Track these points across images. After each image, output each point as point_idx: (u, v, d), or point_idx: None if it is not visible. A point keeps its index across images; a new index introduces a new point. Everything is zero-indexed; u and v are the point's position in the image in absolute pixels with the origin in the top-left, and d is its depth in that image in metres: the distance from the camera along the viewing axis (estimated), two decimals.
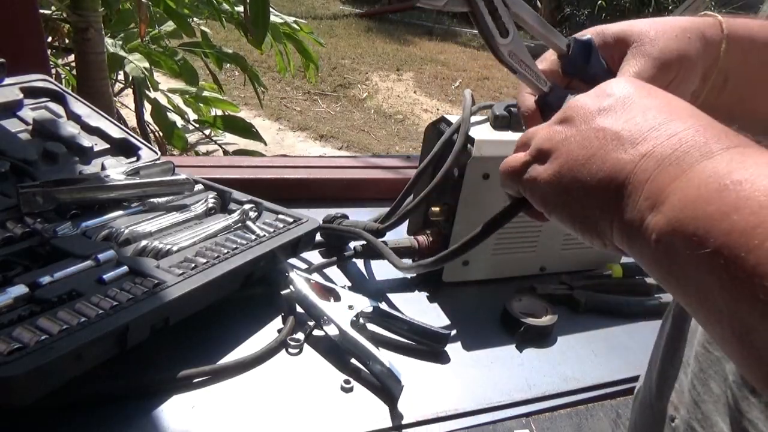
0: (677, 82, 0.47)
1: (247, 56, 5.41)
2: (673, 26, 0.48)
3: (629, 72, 0.46)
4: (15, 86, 0.85)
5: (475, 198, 0.77)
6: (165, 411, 0.57)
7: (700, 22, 0.49)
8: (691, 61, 0.47)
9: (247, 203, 0.81)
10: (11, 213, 0.69)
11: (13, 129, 0.81)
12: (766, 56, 0.50)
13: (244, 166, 1.01)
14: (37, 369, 0.49)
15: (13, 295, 0.57)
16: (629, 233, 0.34)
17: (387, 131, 4.71)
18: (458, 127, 0.77)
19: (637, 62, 0.47)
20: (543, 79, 0.48)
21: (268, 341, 0.66)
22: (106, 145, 0.86)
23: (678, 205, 0.30)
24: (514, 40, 0.45)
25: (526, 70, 0.47)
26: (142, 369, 0.60)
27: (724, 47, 0.48)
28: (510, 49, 0.46)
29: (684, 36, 0.47)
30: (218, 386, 0.61)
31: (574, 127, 0.39)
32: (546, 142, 0.40)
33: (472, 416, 0.62)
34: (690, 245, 0.29)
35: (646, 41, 0.47)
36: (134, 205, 0.77)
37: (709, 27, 0.49)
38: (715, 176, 0.30)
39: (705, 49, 0.48)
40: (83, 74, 2.09)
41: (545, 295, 0.82)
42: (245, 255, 0.69)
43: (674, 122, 0.35)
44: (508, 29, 0.45)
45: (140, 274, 0.63)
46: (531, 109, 0.50)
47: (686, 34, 0.48)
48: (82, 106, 0.89)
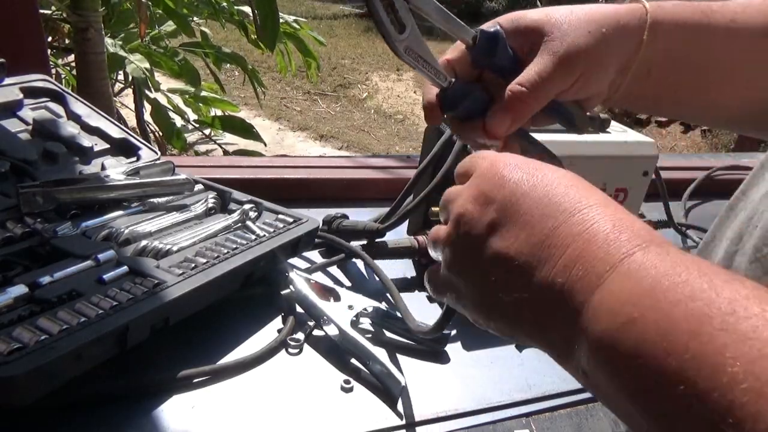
0: (583, 80, 0.46)
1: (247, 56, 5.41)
2: (589, 19, 0.45)
3: (530, 72, 0.45)
4: (15, 86, 0.85)
5: None
6: (165, 411, 0.57)
7: (622, 12, 0.47)
8: (601, 57, 0.45)
9: (247, 203, 0.81)
10: (11, 213, 0.69)
11: (13, 129, 0.81)
12: (700, 43, 0.48)
13: (244, 166, 1.01)
14: (37, 369, 0.49)
15: (13, 295, 0.57)
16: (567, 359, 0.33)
17: (387, 131, 4.71)
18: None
19: (541, 60, 0.45)
20: (442, 74, 0.46)
21: (268, 341, 0.66)
22: (106, 145, 0.86)
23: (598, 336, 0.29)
24: (411, 35, 0.44)
25: (424, 66, 0.45)
26: (142, 369, 0.60)
27: (646, 37, 0.46)
28: (407, 44, 0.44)
29: (598, 30, 0.45)
30: (218, 386, 0.61)
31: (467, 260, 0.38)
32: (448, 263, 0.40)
33: (472, 416, 0.62)
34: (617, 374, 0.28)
35: (556, 36, 0.45)
36: (134, 205, 0.77)
37: (631, 16, 0.46)
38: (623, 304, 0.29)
39: (622, 41, 0.46)
40: (83, 74, 2.09)
41: None
42: (245, 255, 0.69)
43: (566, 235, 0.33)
44: (405, 24, 0.43)
45: (140, 274, 0.63)
46: (431, 103, 0.48)
47: (601, 27, 0.45)
48: (82, 106, 0.89)
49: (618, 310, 0.28)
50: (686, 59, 0.48)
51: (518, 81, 0.45)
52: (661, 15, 0.47)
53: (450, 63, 0.48)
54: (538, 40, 0.46)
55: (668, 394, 0.25)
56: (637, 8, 0.47)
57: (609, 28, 0.45)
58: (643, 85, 0.48)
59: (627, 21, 0.46)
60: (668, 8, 0.47)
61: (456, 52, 0.49)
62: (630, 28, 0.46)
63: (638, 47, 0.46)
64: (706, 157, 1.49)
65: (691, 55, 0.48)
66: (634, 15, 0.47)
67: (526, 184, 0.36)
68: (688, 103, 0.52)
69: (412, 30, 0.44)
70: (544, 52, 0.45)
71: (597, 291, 0.30)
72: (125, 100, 3.15)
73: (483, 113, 0.47)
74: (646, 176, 0.85)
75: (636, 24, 0.46)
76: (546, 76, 0.44)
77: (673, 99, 0.51)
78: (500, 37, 0.47)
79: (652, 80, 0.48)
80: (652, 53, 0.47)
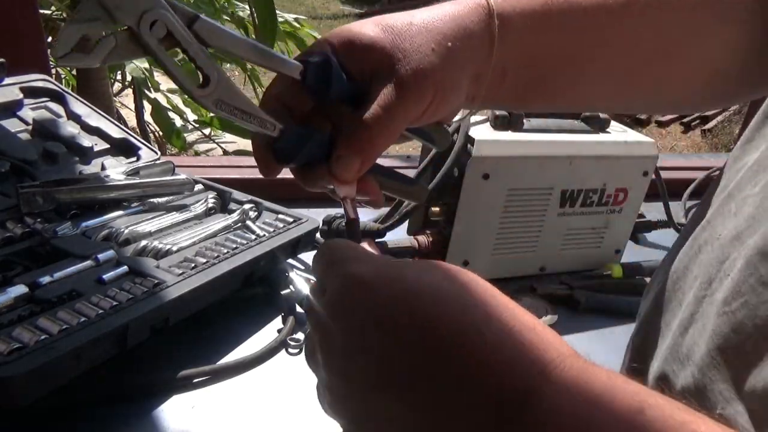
0: (436, 103, 0.40)
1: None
2: (432, 33, 0.39)
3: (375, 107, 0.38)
4: (15, 86, 0.85)
5: (475, 198, 0.77)
6: (165, 411, 0.57)
7: (467, 17, 0.41)
8: (451, 75, 0.40)
9: (247, 203, 0.82)
10: (11, 213, 0.69)
11: (13, 129, 0.81)
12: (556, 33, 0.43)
13: (244, 166, 1.01)
14: (37, 369, 0.49)
15: (13, 295, 0.57)
16: None
17: None
18: (458, 127, 0.77)
19: (385, 91, 0.38)
20: (269, 121, 0.38)
21: (268, 341, 0.66)
22: (106, 145, 0.86)
23: None
24: (219, 87, 0.36)
25: (244, 118, 0.37)
26: (142, 369, 0.60)
27: (497, 41, 0.41)
28: (216, 97, 0.36)
29: (443, 45, 0.39)
30: (218, 386, 0.61)
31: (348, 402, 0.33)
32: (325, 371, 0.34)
33: None
34: None
35: (397, 58, 0.38)
36: (134, 205, 0.77)
37: (477, 19, 0.41)
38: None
39: (472, 53, 0.40)
40: (83, 74, 2.09)
41: (545, 295, 0.82)
42: (245, 255, 0.69)
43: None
44: (209, 74, 0.36)
45: (140, 274, 0.63)
46: (263, 157, 0.40)
47: (447, 41, 0.39)
48: (82, 106, 0.89)
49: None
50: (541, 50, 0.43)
51: (361, 117, 0.38)
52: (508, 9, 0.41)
53: (277, 99, 0.40)
54: (377, 63, 0.39)
55: None
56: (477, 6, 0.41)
57: (455, 41, 0.40)
58: (499, 88, 0.43)
59: (473, 28, 0.40)
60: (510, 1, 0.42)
61: (282, 84, 0.40)
62: (478, 33, 0.41)
63: (489, 54, 0.41)
64: (706, 157, 1.50)
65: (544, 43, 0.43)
66: (477, 15, 0.41)
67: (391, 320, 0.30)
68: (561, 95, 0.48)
69: (219, 79, 0.36)
70: (386, 79, 0.38)
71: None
72: (125, 100, 3.15)
73: (328, 157, 0.39)
74: (646, 176, 0.85)
75: (484, 28, 0.41)
76: (393, 109, 0.38)
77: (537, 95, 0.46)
78: (332, 66, 0.39)
79: (508, 84, 0.43)
80: (506, 54, 0.42)
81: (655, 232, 1.03)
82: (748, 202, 0.34)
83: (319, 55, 0.39)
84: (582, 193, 0.83)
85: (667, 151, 4.66)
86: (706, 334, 0.33)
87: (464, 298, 0.30)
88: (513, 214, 0.80)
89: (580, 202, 0.83)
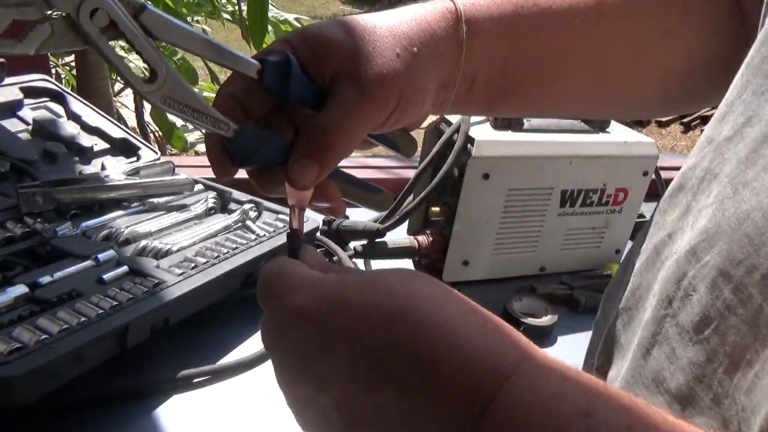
0: (400, 110, 0.38)
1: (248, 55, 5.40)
2: (398, 37, 0.37)
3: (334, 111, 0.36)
4: (15, 86, 0.85)
5: (475, 198, 0.77)
6: (165, 411, 0.57)
7: (434, 22, 0.39)
8: (417, 82, 0.38)
9: (247, 203, 0.81)
10: (11, 213, 0.69)
11: (13, 129, 0.81)
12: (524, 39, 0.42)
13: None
14: (37, 369, 0.49)
15: (13, 295, 0.57)
16: None
17: None
18: (458, 127, 0.77)
19: (345, 96, 0.36)
20: (222, 121, 0.36)
21: None
22: (106, 145, 0.86)
23: None
24: (168, 82, 0.34)
25: (195, 116, 0.35)
26: (142, 369, 0.60)
27: (465, 47, 0.39)
28: (164, 93, 0.34)
29: (409, 51, 0.37)
30: (218, 386, 0.61)
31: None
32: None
33: None
34: None
35: (359, 61, 0.36)
36: (134, 205, 0.77)
37: (445, 24, 0.39)
38: None
39: (439, 58, 0.39)
40: (83, 74, 2.09)
41: (545, 295, 0.82)
42: (245, 255, 0.69)
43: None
44: (156, 69, 0.34)
45: (140, 274, 0.63)
46: (218, 157, 0.38)
47: (412, 45, 0.38)
48: (82, 106, 0.89)
49: None
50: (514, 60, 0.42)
51: (321, 121, 0.36)
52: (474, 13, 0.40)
53: (234, 98, 0.38)
54: (339, 66, 0.37)
55: None
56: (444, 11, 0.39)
57: (421, 46, 0.38)
58: (468, 95, 0.42)
59: (440, 33, 0.39)
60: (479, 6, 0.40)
61: (239, 83, 0.38)
62: (444, 40, 0.39)
63: (457, 61, 0.39)
64: None
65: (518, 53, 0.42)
66: (444, 20, 0.39)
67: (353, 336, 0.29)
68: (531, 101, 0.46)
69: (167, 74, 0.34)
70: (347, 82, 0.36)
71: None
72: (125, 100, 3.15)
73: (285, 160, 0.37)
74: (646, 176, 0.85)
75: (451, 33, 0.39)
76: (352, 114, 0.36)
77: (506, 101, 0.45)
78: (292, 65, 0.37)
79: (477, 89, 0.42)
80: (473, 63, 0.40)
81: None
82: (702, 214, 0.33)
83: (279, 54, 0.37)
84: (582, 193, 0.83)
85: (667, 151, 4.66)
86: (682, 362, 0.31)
87: (413, 315, 0.28)
88: (513, 214, 0.80)
89: (580, 202, 0.83)
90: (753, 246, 0.28)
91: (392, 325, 0.28)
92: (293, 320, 0.31)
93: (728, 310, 0.28)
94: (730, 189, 0.31)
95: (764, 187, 0.28)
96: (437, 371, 0.27)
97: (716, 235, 0.30)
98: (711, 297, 0.30)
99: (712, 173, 0.33)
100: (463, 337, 0.27)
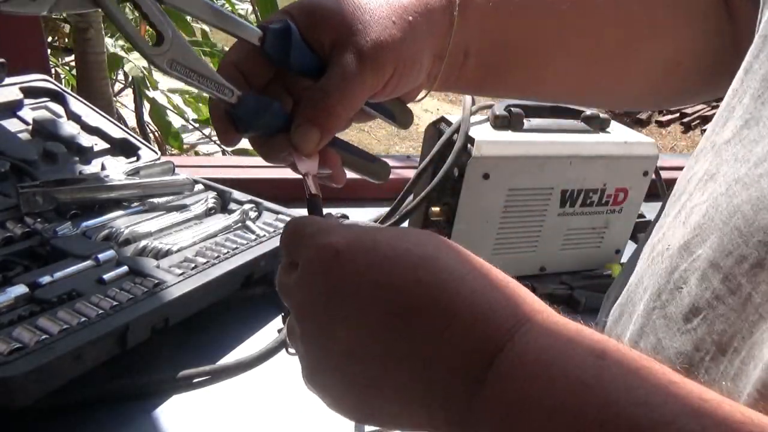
0: (397, 77, 0.39)
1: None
2: (393, 6, 0.39)
3: (334, 76, 0.37)
4: (15, 86, 0.85)
5: (475, 198, 0.77)
6: (165, 411, 0.57)
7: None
8: (412, 50, 0.39)
9: (247, 203, 0.82)
10: (11, 213, 0.69)
11: (13, 129, 0.81)
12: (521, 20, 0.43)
13: (244, 166, 1.01)
14: (37, 369, 0.49)
15: (13, 295, 0.57)
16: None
17: (387, 131, 4.71)
18: (458, 127, 0.77)
19: (344, 61, 0.37)
20: (227, 87, 0.37)
21: (268, 341, 0.66)
22: (106, 145, 0.86)
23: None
24: (174, 46, 0.35)
25: (201, 81, 0.37)
26: (142, 369, 0.60)
27: (456, 21, 0.40)
28: (171, 57, 0.35)
29: (404, 19, 0.39)
30: (218, 386, 0.61)
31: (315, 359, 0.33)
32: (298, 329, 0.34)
33: None
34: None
35: (357, 29, 0.38)
36: (134, 205, 0.77)
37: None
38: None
39: (432, 28, 0.40)
40: (83, 74, 2.09)
41: (545, 295, 0.82)
42: (245, 255, 0.69)
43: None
44: (163, 32, 0.35)
45: (140, 274, 0.63)
46: (222, 123, 0.39)
47: (407, 14, 0.39)
48: (82, 106, 0.89)
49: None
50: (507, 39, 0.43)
51: (321, 87, 0.38)
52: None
53: (236, 67, 0.39)
54: (338, 34, 0.38)
55: None
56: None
57: (415, 15, 0.39)
58: (461, 70, 0.43)
59: (434, 4, 0.40)
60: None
61: (241, 51, 0.40)
62: (438, 11, 0.40)
63: (449, 32, 0.41)
64: None
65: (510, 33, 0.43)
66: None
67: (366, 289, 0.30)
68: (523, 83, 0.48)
69: (174, 38, 0.35)
70: (346, 50, 0.38)
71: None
72: (125, 100, 3.15)
73: (287, 127, 0.39)
74: (646, 176, 0.85)
75: (444, 6, 0.40)
76: (352, 79, 0.37)
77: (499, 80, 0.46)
78: (292, 32, 0.38)
79: (470, 65, 0.43)
80: (467, 37, 0.41)
81: None
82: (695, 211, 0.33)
83: (280, 22, 0.38)
84: (582, 193, 0.83)
85: (667, 151, 4.66)
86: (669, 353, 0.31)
87: (440, 263, 0.30)
88: (513, 214, 0.80)
89: (580, 202, 0.83)
90: (742, 237, 0.28)
91: (419, 269, 0.29)
92: (322, 258, 0.32)
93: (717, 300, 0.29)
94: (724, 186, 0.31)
95: (754, 181, 0.29)
96: (456, 318, 0.28)
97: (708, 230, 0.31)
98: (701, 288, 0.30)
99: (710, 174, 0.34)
100: (484, 287, 0.29)
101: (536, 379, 0.25)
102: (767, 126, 0.30)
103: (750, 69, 0.34)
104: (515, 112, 0.79)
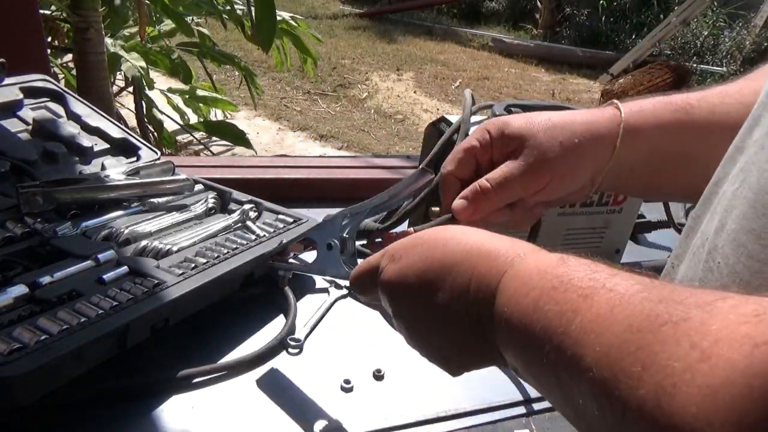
0: (555, 183, 0.51)
1: (248, 55, 5.40)
2: (564, 129, 0.51)
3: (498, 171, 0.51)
4: (15, 86, 0.85)
5: None
6: (165, 411, 0.57)
7: (598, 120, 0.51)
8: (572, 165, 0.51)
9: (247, 203, 0.81)
10: (11, 213, 0.69)
11: (13, 129, 0.81)
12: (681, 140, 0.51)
13: (244, 166, 1.01)
14: (37, 369, 0.49)
15: (13, 295, 0.57)
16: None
17: (387, 131, 4.71)
18: (458, 127, 0.77)
19: (511, 164, 0.51)
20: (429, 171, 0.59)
21: (268, 341, 0.66)
22: (106, 145, 0.86)
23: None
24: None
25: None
26: (142, 369, 0.60)
27: (618, 144, 0.51)
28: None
29: (570, 141, 0.50)
30: (218, 386, 0.61)
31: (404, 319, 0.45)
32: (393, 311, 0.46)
33: (472, 416, 0.62)
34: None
35: (531, 144, 0.50)
36: (134, 205, 0.77)
37: (607, 124, 0.51)
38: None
39: (596, 149, 0.51)
40: (83, 74, 2.09)
41: None
42: (245, 255, 0.69)
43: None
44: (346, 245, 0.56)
45: (140, 274, 0.63)
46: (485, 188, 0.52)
47: (575, 137, 0.50)
48: (82, 106, 0.89)
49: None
50: (668, 155, 0.52)
51: (487, 177, 0.51)
52: (641, 121, 0.51)
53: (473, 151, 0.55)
54: (518, 147, 0.51)
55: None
56: (614, 116, 0.51)
57: (583, 139, 0.50)
58: (627, 180, 0.53)
59: (602, 132, 0.51)
60: (648, 111, 0.52)
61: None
62: (604, 136, 0.51)
63: (611, 154, 0.51)
64: None
65: (672, 151, 0.52)
66: (611, 123, 0.51)
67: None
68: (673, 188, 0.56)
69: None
70: (518, 158, 0.51)
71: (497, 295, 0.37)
72: (125, 100, 3.15)
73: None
74: None
75: (611, 133, 0.51)
76: (511, 177, 0.50)
77: (658, 187, 0.56)
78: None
79: (635, 176, 0.53)
80: (634, 155, 0.51)
81: (655, 233, 1.03)
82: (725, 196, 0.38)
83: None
84: None
85: None
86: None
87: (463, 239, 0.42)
88: None
89: (580, 202, 0.83)
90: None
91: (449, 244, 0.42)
92: (399, 256, 0.44)
93: (751, 259, 0.33)
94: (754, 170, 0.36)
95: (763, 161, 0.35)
96: (476, 267, 0.39)
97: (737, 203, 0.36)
98: (737, 253, 0.34)
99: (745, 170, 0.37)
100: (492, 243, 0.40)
101: (527, 287, 0.35)
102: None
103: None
104: (516, 112, 0.79)
